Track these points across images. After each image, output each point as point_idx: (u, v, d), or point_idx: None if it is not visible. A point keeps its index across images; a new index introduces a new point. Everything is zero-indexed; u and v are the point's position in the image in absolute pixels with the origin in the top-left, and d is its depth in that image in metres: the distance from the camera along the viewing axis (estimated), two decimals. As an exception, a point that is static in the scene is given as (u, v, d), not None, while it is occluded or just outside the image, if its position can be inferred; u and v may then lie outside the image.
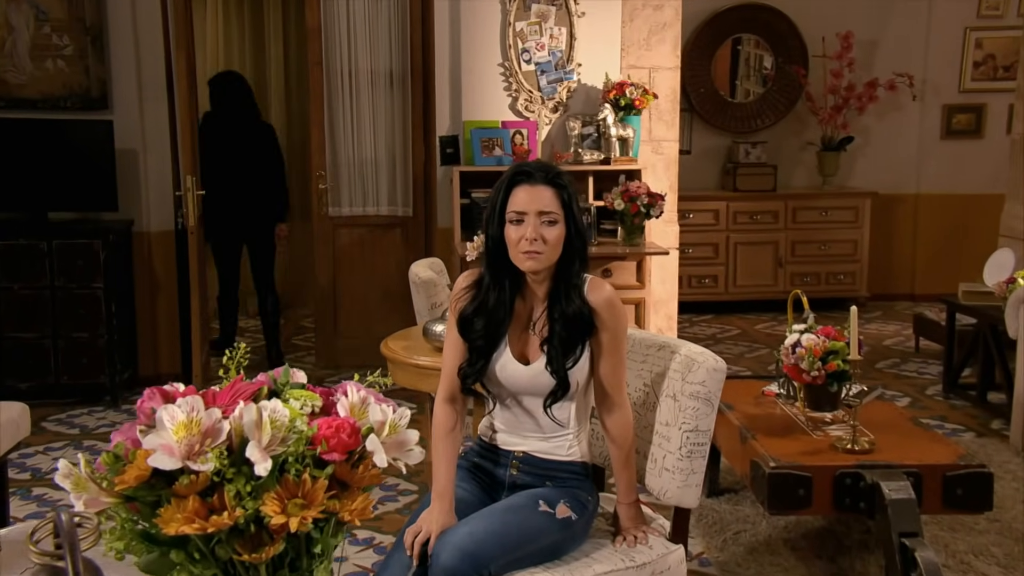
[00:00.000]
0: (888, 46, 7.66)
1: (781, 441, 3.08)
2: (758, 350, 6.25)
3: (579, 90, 5.40)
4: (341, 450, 1.20)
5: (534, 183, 2.17)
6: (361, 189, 5.83)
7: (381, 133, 5.77)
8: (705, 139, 7.65)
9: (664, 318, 5.49)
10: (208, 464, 1.14)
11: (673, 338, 2.48)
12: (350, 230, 5.87)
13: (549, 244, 2.15)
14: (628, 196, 4.87)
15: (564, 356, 2.18)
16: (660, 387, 2.34)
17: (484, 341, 2.22)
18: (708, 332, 6.89)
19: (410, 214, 5.85)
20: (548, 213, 2.15)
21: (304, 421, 1.22)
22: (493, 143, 5.23)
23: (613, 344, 2.21)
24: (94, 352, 5.05)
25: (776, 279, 7.39)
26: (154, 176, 5.38)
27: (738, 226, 7.34)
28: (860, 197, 7.48)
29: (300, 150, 7.30)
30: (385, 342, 3.49)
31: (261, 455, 1.15)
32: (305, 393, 1.29)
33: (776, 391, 3.60)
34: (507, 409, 2.30)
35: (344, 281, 5.89)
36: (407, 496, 3.84)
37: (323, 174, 5.77)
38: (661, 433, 2.32)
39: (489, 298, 2.23)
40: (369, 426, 1.24)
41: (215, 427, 1.17)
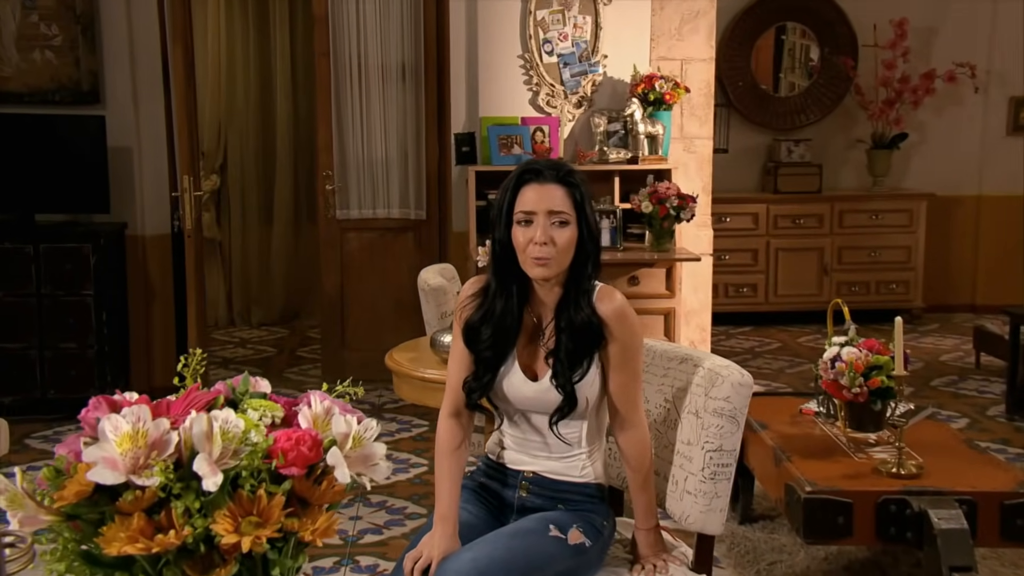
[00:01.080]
0: (947, 34, 7.57)
1: (819, 463, 3.06)
2: (799, 365, 6.20)
3: (605, 84, 5.37)
4: (301, 464, 1.18)
5: (543, 181, 2.16)
6: (371, 190, 5.84)
7: (392, 130, 5.77)
8: (743, 136, 7.61)
9: (696, 330, 5.46)
10: (154, 479, 1.12)
11: (696, 350, 2.45)
12: (359, 234, 5.88)
13: (560, 247, 2.13)
14: (657, 198, 4.85)
15: (571, 369, 2.15)
16: (682, 403, 2.32)
17: (491, 352, 2.21)
18: (745, 345, 6.84)
19: (423, 217, 5.85)
20: (559, 213, 2.14)
21: (261, 432, 1.19)
22: (512, 141, 5.21)
23: (624, 358, 2.18)
24: (83, 364, 5.07)
25: (821, 288, 7.33)
26: (149, 176, 5.41)
27: (779, 231, 7.28)
28: (915, 199, 7.40)
29: (306, 148, 7.33)
30: (390, 354, 3.49)
31: (210, 468, 1.13)
32: (265, 403, 1.27)
33: (815, 409, 3.56)
34: (515, 426, 2.29)
35: (352, 289, 5.89)
36: (415, 520, 3.84)
37: (330, 174, 5.78)
38: (683, 453, 2.29)
39: (496, 306, 2.22)
40: (331, 439, 1.21)
41: (163, 439, 1.14)
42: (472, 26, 5.34)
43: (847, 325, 3.37)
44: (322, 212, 5.87)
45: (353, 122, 5.75)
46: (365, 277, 5.89)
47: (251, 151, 7.52)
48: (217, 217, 7.59)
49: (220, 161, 7.50)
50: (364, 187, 5.83)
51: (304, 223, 7.59)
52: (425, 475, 4.30)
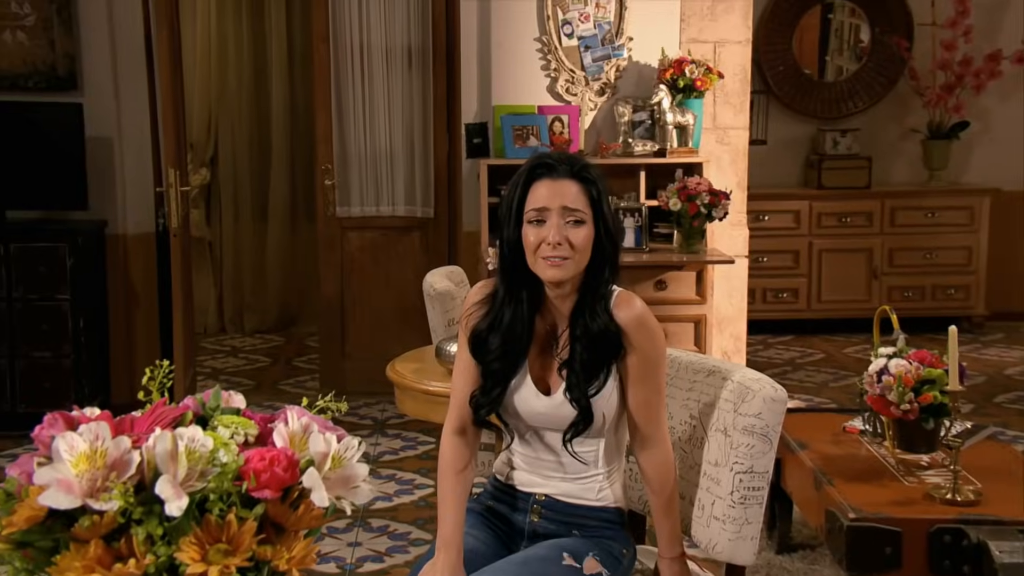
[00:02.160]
0: (1016, 11, 7.51)
1: (864, 488, 3.05)
2: (845, 378, 6.17)
3: (630, 69, 5.37)
4: (275, 486, 1.18)
5: (557, 177, 2.17)
6: (374, 186, 5.85)
7: (397, 120, 5.78)
8: (784, 126, 7.58)
9: (730, 339, 5.45)
10: (113, 503, 1.12)
11: (725, 361, 2.45)
12: (361, 233, 5.89)
13: (575, 248, 2.13)
14: (686, 194, 4.85)
15: (587, 382, 2.15)
16: (709, 420, 2.32)
17: (501, 364, 2.22)
18: (785, 356, 6.81)
19: (431, 215, 5.86)
20: (574, 211, 2.14)
21: (232, 452, 1.19)
22: (528, 132, 5.21)
23: (645, 370, 2.19)
24: (59, 375, 5.09)
25: (870, 293, 7.29)
26: (132, 169, 5.44)
27: (824, 230, 7.25)
28: (977, 195, 7.35)
29: (304, 139, 7.36)
30: (392, 364, 3.50)
31: (175, 491, 1.12)
32: (238, 419, 1.27)
33: (860, 427, 3.54)
34: (527, 444, 2.29)
35: (354, 293, 5.90)
36: (419, 546, 3.86)
37: (330, 168, 5.79)
38: (710, 475, 2.28)
39: (504, 313, 2.22)
40: (309, 458, 1.21)
41: (123, 459, 1.14)
42: (484, 6, 5.35)
43: (896, 334, 3.35)
44: (321, 210, 5.88)
45: (355, 111, 5.77)
46: (367, 281, 5.90)
47: (244, 143, 7.55)
48: (206, 215, 7.62)
49: (210, 153, 7.54)
50: (366, 182, 5.84)
51: (301, 221, 7.61)
52: (431, 497, 4.30)
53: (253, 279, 7.70)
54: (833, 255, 7.26)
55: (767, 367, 6.33)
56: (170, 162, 4.93)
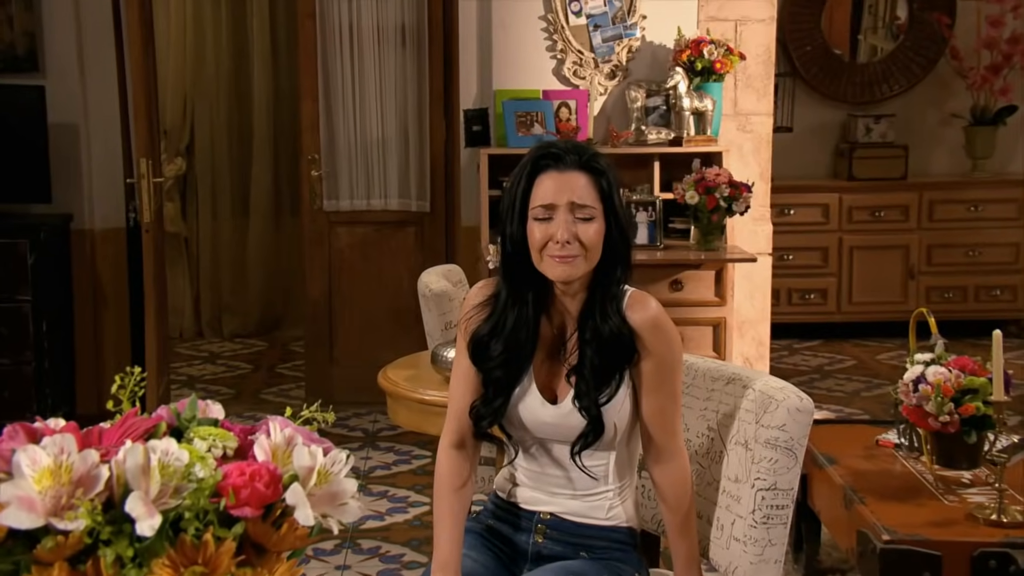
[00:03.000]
0: (1070, -17, 7.50)
1: (899, 507, 3.05)
2: (879, 387, 6.18)
3: (643, 50, 5.38)
4: (255, 504, 1.18)
5: (564, 168, 2.17)
6: (365, 177, 5.86)
7: (390, 106, 5.79)
8: (812, 112, 7.59)
9: (752, 344, 5.46)
10: (79, 522, 1.12)
11: (747, 369, 2.46)
12: (350, 229, 5.90)
13: (586, 245, 2.14)
14: (704, 186, 4.85)
15: (597, 389, 2.16)
16: (728, 432, 2.32)
17: (503, 371, 2.22)
18: (813, 363, 6.83)
19: (426, 209, 5.87)
20: (583, 207, 2.15)
21: (209, 466, 1.19)
22: (532, 119, 5.22)
23: (660, 377, 2.20)
24: (19, 384, 5.10)
25: (905, 295, 7.29)
26: (99, 158, 5.45)
27: (855, 225, 7.25)
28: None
29: (288, 127, 7.38)
30: (384, 371, 3.51)
31: (147, 509, 1.13)
32: (216, 431, 1.28)
33: (895, 441, 3.55)
34: (531, 458, 2.30)
35: (342, 294, 5.91)
36: (413, 570, 3.87)
37: (316, 158, 5.80)
38: (729, 492, 2.29)
39: (507, 316, 2.22)
40: (293, 473, 1.21)
41: (90, 474, 1.15)
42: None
43: (934, 339, 3.36)
44: (307, 203, 5.89)
45: (344, 96, 5.78)
46: (357, 280, 5.91)
47: (222, 130, 7.56)
48: (182, 208, 7.64)
49: (185, 142, 7.55)
50: (357, 174, 5.85)
51: (286, 216, 7.62)
52: (426, 516, 4.31)
53: (233, 278, 7.72)
54: (865, 252, 7.26)
55: (792, 375, 6.34)
56: (142, 151, 4.94)
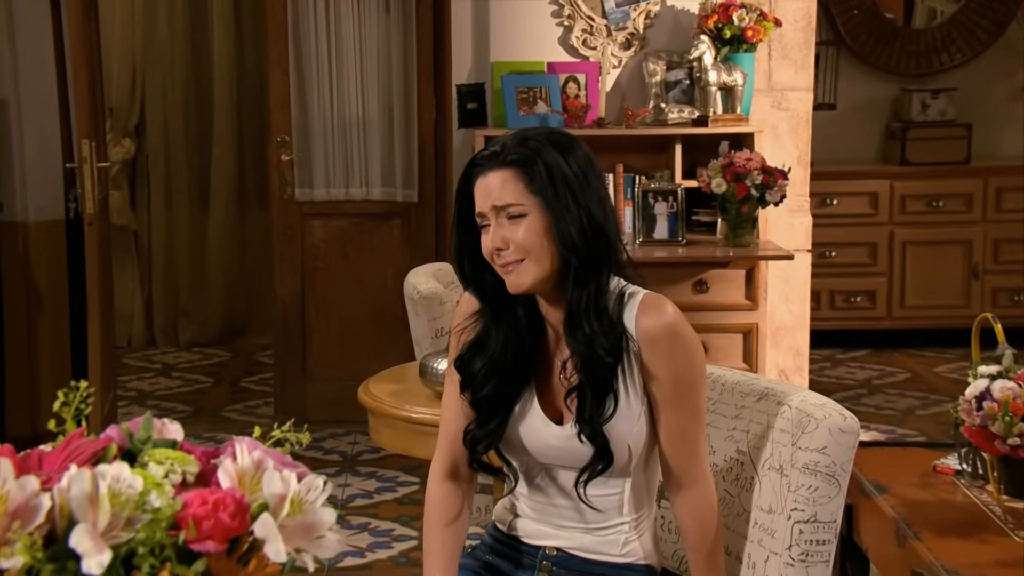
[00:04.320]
0: None
1: (961, 544, 3.03)
2: (936, 404, 6.19)
3: (663, 16, 5.39)
4: (220, 537, 1.19)
5: (485, 171, 2.19)
6: (343, 162, 5.86)
7: (372, 79, 5.79)
8: (859, 86, 7.58)
9: (788, 354, 5.46)
10: (16, 559, 1.12)
11: (783, 383, 2.47)
12: (326, 222, 5.91)
13: (520, 246, 2.14)
14: (733, 173, 4.83)
15: (600, 413, 2.16)
16: (760, 456, 2.33)
17: (492, 394, 2.24)
18: (859, 376, 6.83)
19: (414, 199, 5.87)
20: (505, 208, 2.15)
21: (166, 494, 1.20)
22: (535, 95, 5.23)
23: (680, 392, 2.20)
24: (-57, 399, 5.10)
25: (968, 297, 7.30)
26: (33, 140, 5.45)
27: (909, 216, 7.26)
28: (1108, 171, 7.34)
29: (254, 103, 7.37)
30: (366, 385, 3.52)
31: (94, 544, 1.13)
32: (174, 454, 1.28)
33: (955, 467, 3.54)
34: (535, 486, 2.31)
35: (317, 296, 5.92)
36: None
37: (287, 140, 5.81)
38: (762, 525, 2.30)
39: (490, 336, 2.24)
40: (262, 502, 1.22)
41: (29, 504, 1.15)
42: (481, -65, 5.37)
43: (1001, 348, 3.35)
44: (276, 192, 5.89)
45: (319, 68, 5.77)
46: (335, 281, 5.91)
47: (177, 107, 7.56)
48: (131, 198, 7.63)
49: (135, 121, 7.55)
50: (334, 158, 5.85)
51: (251, 207, 7.62)
52: (414, 552, 4.32)
53: (190, 279, 7.72)
54: (921, 248, 7.26)
55: (835, 389, 6.35)
56: (83, 131, 4.92)
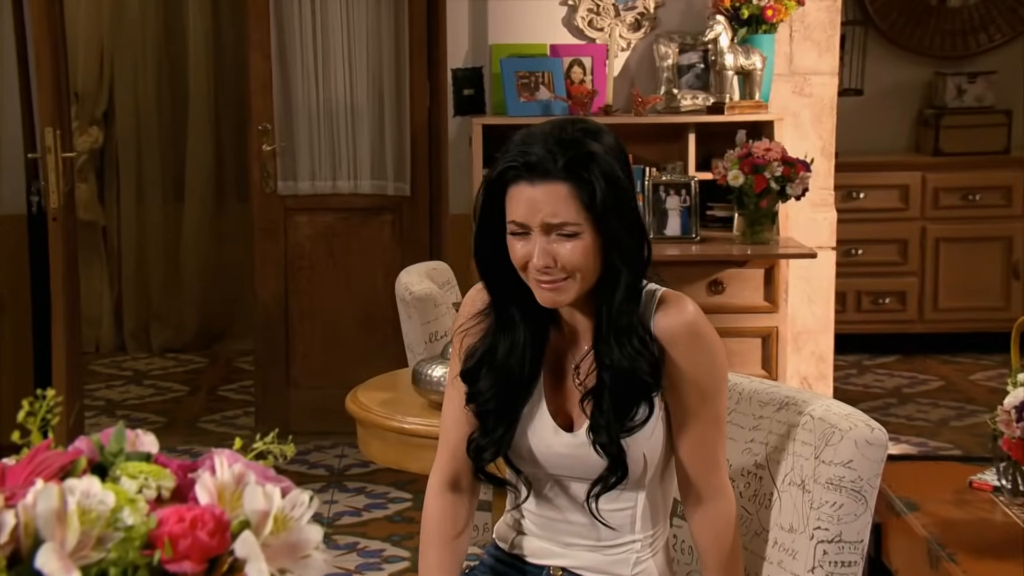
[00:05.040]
0: None
1: (999, 565, 3.05)
2: (972, 415, 6.19)
3: (675, -6, 5.41)
4: (197, 557, 1.18)
5: (535, 180, 2.11)
6: (330, 153, 5.87)
7: (361, 62, 5.80)
8: (888, 70, 7.58)
9: (811, 360, 5.46)
10: (-21, 580, 1.13)
11: (804, 391, 2.47)
12: (312, 218, 5.91)
13: (570, 266, 2.11)
14: (751, 164, 4.83)
15: (618, 421, 2.16)
16: (780, 470, 2.34)
17: (497, 404, 2.23)
18: (889, 384, 6.84)
19: (406, 193, 5.88)
20: (560, 227, 2.11)
21: (140, 511, 1.21)
22: (537, 80, 5.23)
23: (700, 398, 2.21)
24: None
25: (1007, 299, 7.30)
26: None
27: (943, 211, 7.25)
28: None
29: (233, 88, 7.38)
30: (354, 394, 3.52)
31: (62, 564, 1.13)
32: (148, 468, 1.28)
33: (992, 483, 3.55)
34: (542, 500, 2.31)
35: (302, 298, 5.93)
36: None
37: (269, 128, 5.81)
38: (782, 544, 2.31)
39: (498, 343, 2.23)
40: (243, 519, 1.22)
41: (-7, 520, 1.15)
42: (478, -93, 5.38)
43: (1041, 355, 3.37)
44: (257, 185, 5.90)
45: (303, 51, 5.78)
46: (320, 281, 5.91)
47: (150, 92, 7.55)
48: (99, 191, 7.63)
49: (103, 108, 7.54)
50: (319, 148, 5.86)
51: (230, 201, 7.62)
52: (406, 574, 4.33)
53: (164, 278, 7.71)
54: (956, 246, 7.26)
55: (862, 398, 6.35)
56: (47, 119, 4.92)
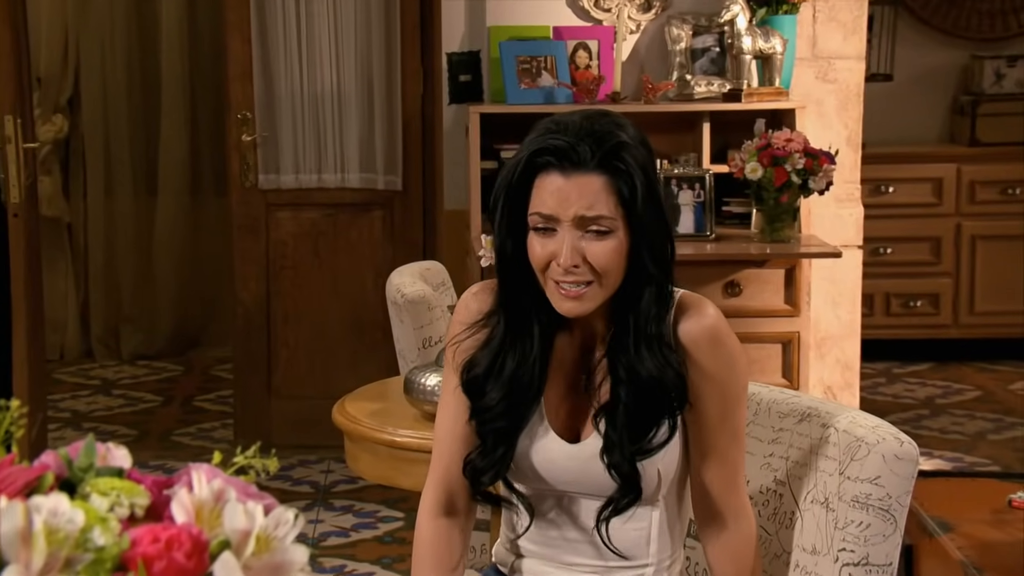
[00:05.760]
0: None
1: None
2: (1012, 427, 6.20)
3: (689, -29, 5.41)
4: (174, 580, 1.19)
5: (570, 170, 2.11)
6: (315, 144, 5.87)
7: (348, 47, 5.80)
8: (920, 53, 7.58)
9: (836, 368, 5.46)
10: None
11: (828, 402, 2.47)
12: (296, 214, 5.93)
13: (599, 267, 2.12)
14: (771, 156, 4.82)
15: (632, 440, 2.17)
16: (802, 487, 2.35)
17: (506, 421, 2.23)
18: (921, 394, 6.84)
19: (398, 187, 5.89)
20: (596, 219, 2.12)
21: (111, 530, 1.21)
22: (539, 66, 5.23)
23: (720, 409, 2.22)
24: None
25: (1049, 302, 7.28)
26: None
27: (979, 207, 7.25)
28: None
29: (210, 74, 7.38)
30: (341, 404, 3.52)
31: (28, 589, 1.14)
32: (121, 484, 1.28)
33: (1034, 501, 3.57)
34: (545, 519, 2.31)
35: (285, 301, 5.94)
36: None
37: (249, 117, 5.82)
38: (804, 567, 2.32)
39: (506, 354, 2.23)
40: (223, 539, 1.23)
41: (-47, 541, 1.16)
42: None
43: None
44: (236, 179, 5.91)
45: (286, 33, 5.78)
46: (305, 282, 5.92)
47: (119, 77, 7.55)
48: (64, 184, 7.63)
49: (67, 94, 7.54)
50: (304, 139, 5.86)
51: (207, 196, 7.62)
52: (397, 602, 4.34)
53: (135, 279, 7.71)
54: (993, 244, 7.27)
55: (891, 409, 6.36)
56: (6, 106, 4.93)
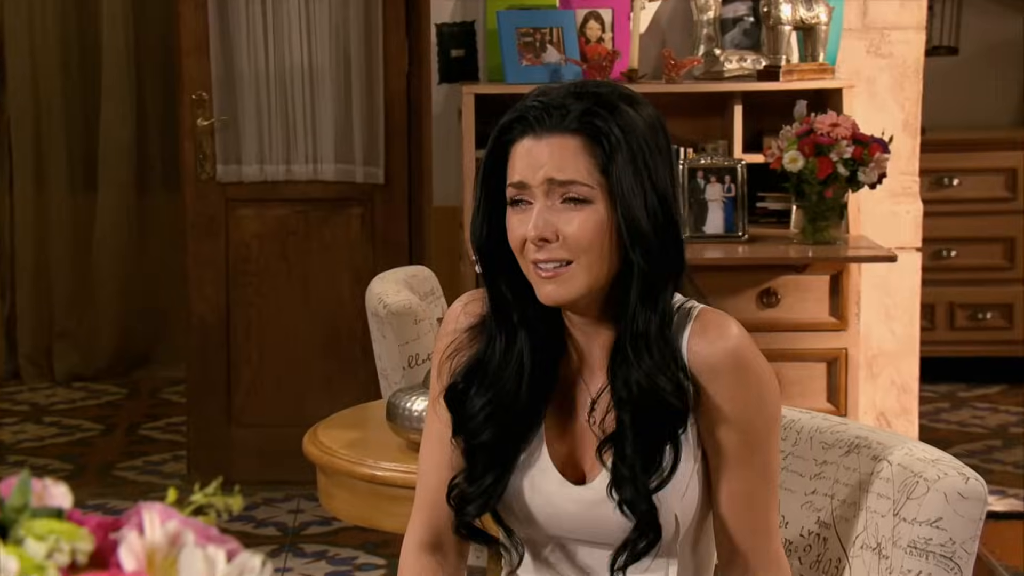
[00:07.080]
0: None
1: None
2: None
3: (718, -70, 5.43)
4: (123, 638, 1.20)
5: (541, 132, 2.15)
6: (283, 130, 5.89)
7: (322, 18, 5.82)
8: (990, 23, 7.63)
9: (891, 390, 5.46)
10: None
11: (880, 430, 2.48)
12: (260, 211, 5.95)
13: (573, 243, 2.12)
14: (813, 143, 4.83)
15: (645, 472, 2.17)
16: (850, 530, 2.36)
17: (491, 435, 2.24)
18: (991, 422, 6.86)
19: (379, 180, 5.92)
20: (568, 184, 2.13)
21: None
22: (543, 39, 5.24)
23: (747, 444, 2.22)
24: None
25: None
26: None
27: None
28: None
29: (159, 49, 7.40)
30: (313, 433, 3.54)
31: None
32: (60, 527, 1.29)
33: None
34: (545, 566, 2.33)
35: (247, 312, 5.95)
36: None
37: (205, 98, 5.84)
38: (852, 624, 2.33)
39: (494, 363, 2.25)
40: (180, 590, 1.24)
41: None
42: None
43: None
44: (190, 170, 5.92)
45: (249, 2, 5.80)
46: (271, 291, 5.94)
47: (52, 53, 7.58)
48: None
49: (-5, 73, 7.59)
50: (270, 124, 5.88)
51: (156, 190, 7.64)
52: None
53: (71, 288, 7.74)
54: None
55: (955, 440, 6.36)
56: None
